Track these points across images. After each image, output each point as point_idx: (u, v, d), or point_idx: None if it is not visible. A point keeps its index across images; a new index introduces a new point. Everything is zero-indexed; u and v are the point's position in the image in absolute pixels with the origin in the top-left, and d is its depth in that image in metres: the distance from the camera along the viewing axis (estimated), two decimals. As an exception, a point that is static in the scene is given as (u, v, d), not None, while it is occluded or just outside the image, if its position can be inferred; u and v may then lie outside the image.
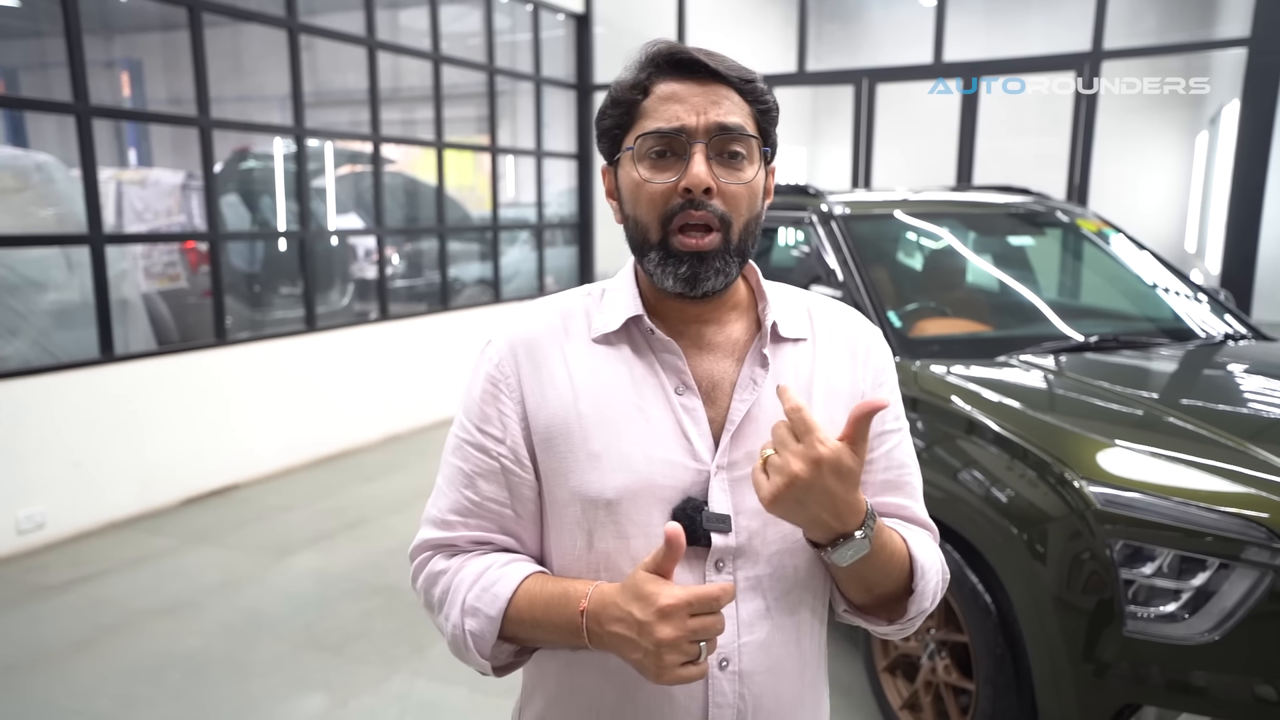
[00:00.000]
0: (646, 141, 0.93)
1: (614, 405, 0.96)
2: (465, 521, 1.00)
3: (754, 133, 0.94)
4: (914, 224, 3.58)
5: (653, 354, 0.98)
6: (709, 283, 0.93)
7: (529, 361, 0.99)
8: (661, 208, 0.92)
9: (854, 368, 1.03)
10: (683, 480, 0.94)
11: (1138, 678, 1.85)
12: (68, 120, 4.24)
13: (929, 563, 1.00)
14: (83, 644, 3.23)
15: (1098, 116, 6.26)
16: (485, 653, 0.96)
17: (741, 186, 0.93)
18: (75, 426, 4.26)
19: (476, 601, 0.95)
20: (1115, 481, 1.93)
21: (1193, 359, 2.83)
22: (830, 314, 1.06)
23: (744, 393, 0.97)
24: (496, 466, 0.98)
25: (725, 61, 0.94)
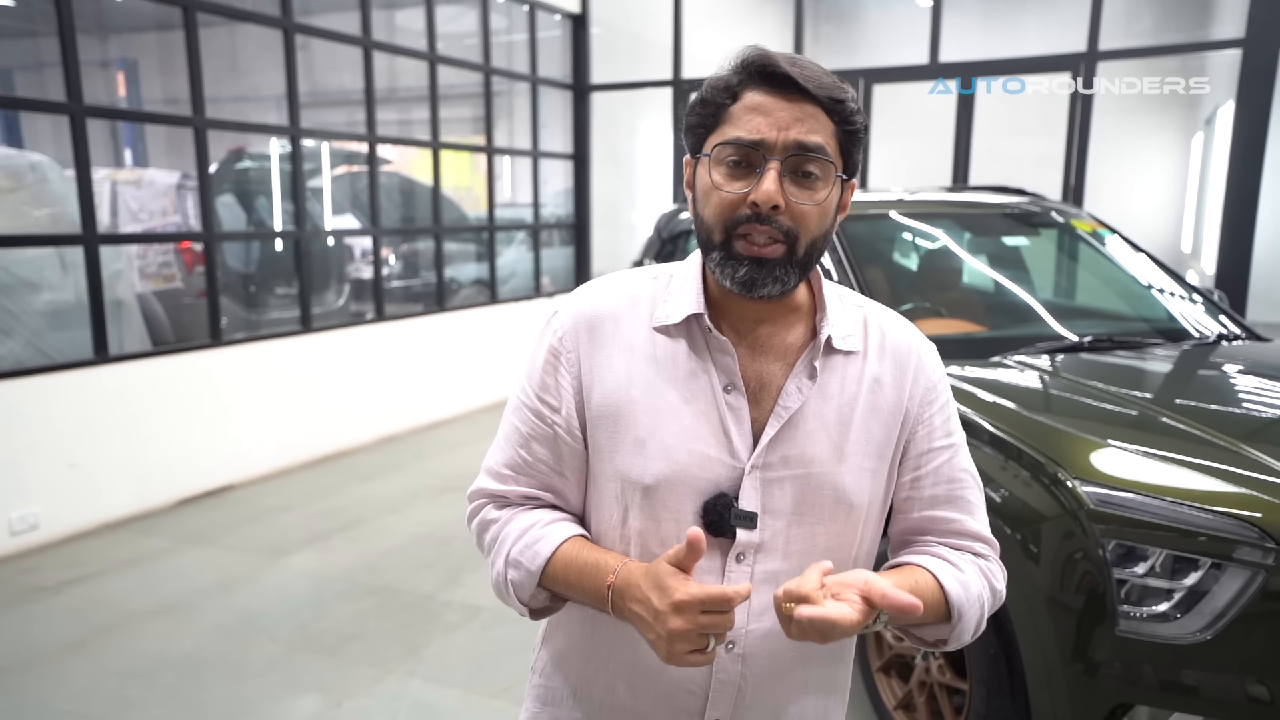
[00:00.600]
0: (725, 149, 0.95)
1: (664, 395, 1.00)
2: (517, 477, 1.07)
3: (833, 154, 0.95)
4: (909, 224, 3.59)
5: (709, 351, 1.01)
6: (765, 289, 0.96)
7: (590, 340, 1.03)
8: (728, 215, 0.95)
9: (903, 384, 1.04)
10: (718, 475, 0.99)
11: (1130, 677, 1.85)
12: (62, 120, 4.23)
13: (967, 600, 1.01)
14: (76, 645, 3.22)
15: (1094, 117, 6.27)
16: (524, 599, 1.04)
17: (811, 206, 0.95)
18: (69, 427, 4.25)
19: (520, 555, 1.02)
20: (1109, 481, 1.93)
21: (1187, 359, 2.83)
22: (886, 324, 1.08)
23: (788, 399, 1.00)
24: (550, 433, 1.04)
25: (817, 78, 0.94)
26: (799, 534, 1.01)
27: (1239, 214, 5.85)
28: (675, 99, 7.77)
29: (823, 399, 1.01)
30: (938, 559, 1.04)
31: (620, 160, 9.13)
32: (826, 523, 1.02)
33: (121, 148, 10.09)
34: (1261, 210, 5.85)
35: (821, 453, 1.00)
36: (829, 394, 1.01)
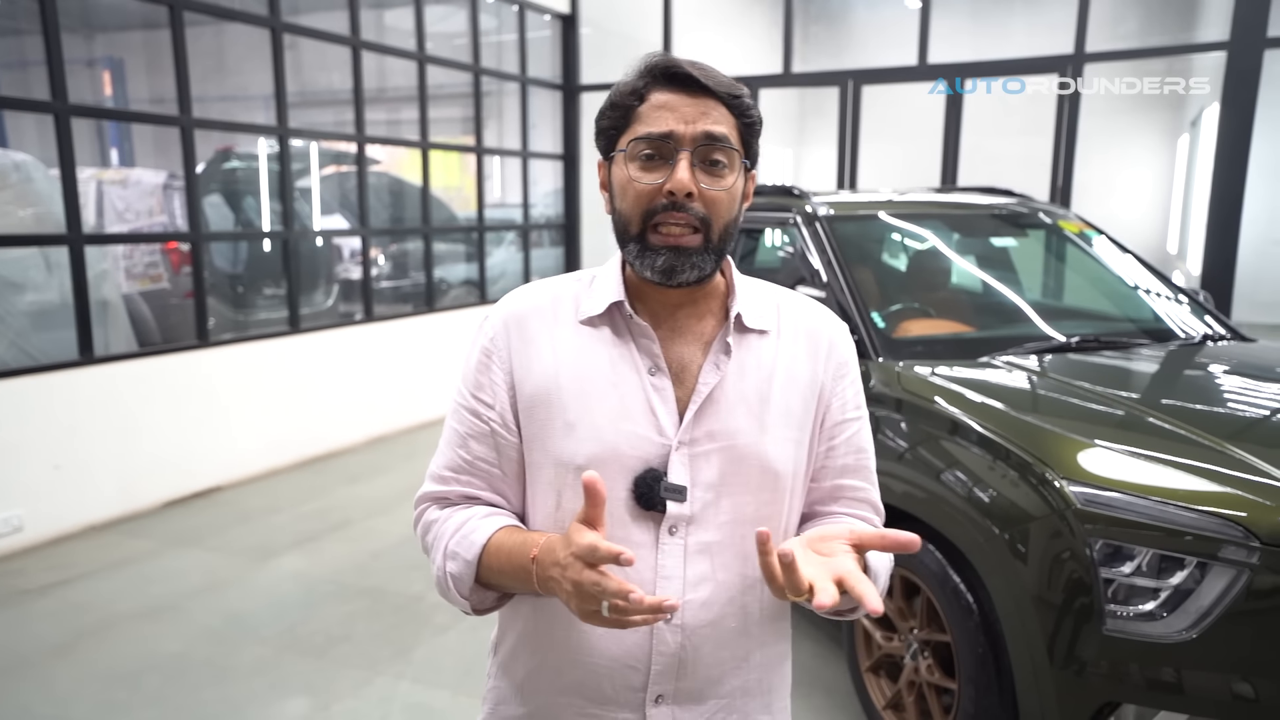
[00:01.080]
0: (638, 144, 1.01)
1: (591, 380, 1.05)
2: (458, 478, 1.11)
3: (737, 144, 1.02)
4: (898, 225, 3.60)
5: (631, 337, 1.07)
6: (684, 275, 1.01)
7: (519, 337, 1.08)
8: (645, 205, 1.01)
9: (816, 360, 1.11)
10: (647, 452, 1.03)
11: (1117, 676, 1.86)
12: (47, 119, 4.20)
13: (881, 567, 1.09)
14: (61, 649, 3.19)
15: (1081, 118, 6.30)
16: (464, 593, 1.06)
17: (721, 192, 1.01)
18: (55, 428, 4.21)
19: (456, 547, 1.05)
20: (1095, 481, 1.94)
21: (1172, 360, 2.85)
22: (798, 309, 1.14)
23: (708, 376, 1.06)
24: (487, 429, 1.09)
25: (715, 77, 1.02)
26: (728, 505, 1.05)
27: (1224, 215, 5.89)
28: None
29: (741, 376, 1.07)
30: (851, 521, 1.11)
31: (610, 161, 9.11)
32: (754, 492, 1.06)
33: (107, 147, 10.02)
34: (1246, 211, 5.90)
35: (744, 425, 1.05)
36: (746, 371, 1.07)
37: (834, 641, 3.20)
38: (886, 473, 2.53)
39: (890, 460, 2.55)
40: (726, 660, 1.08)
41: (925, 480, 2.37)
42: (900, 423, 2.56)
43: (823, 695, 2.86)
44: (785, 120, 12.25)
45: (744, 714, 1.11)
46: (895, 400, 2.62)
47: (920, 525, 2.43)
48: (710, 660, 1.07)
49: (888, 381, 2.69)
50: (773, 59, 7.70)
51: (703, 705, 1.08)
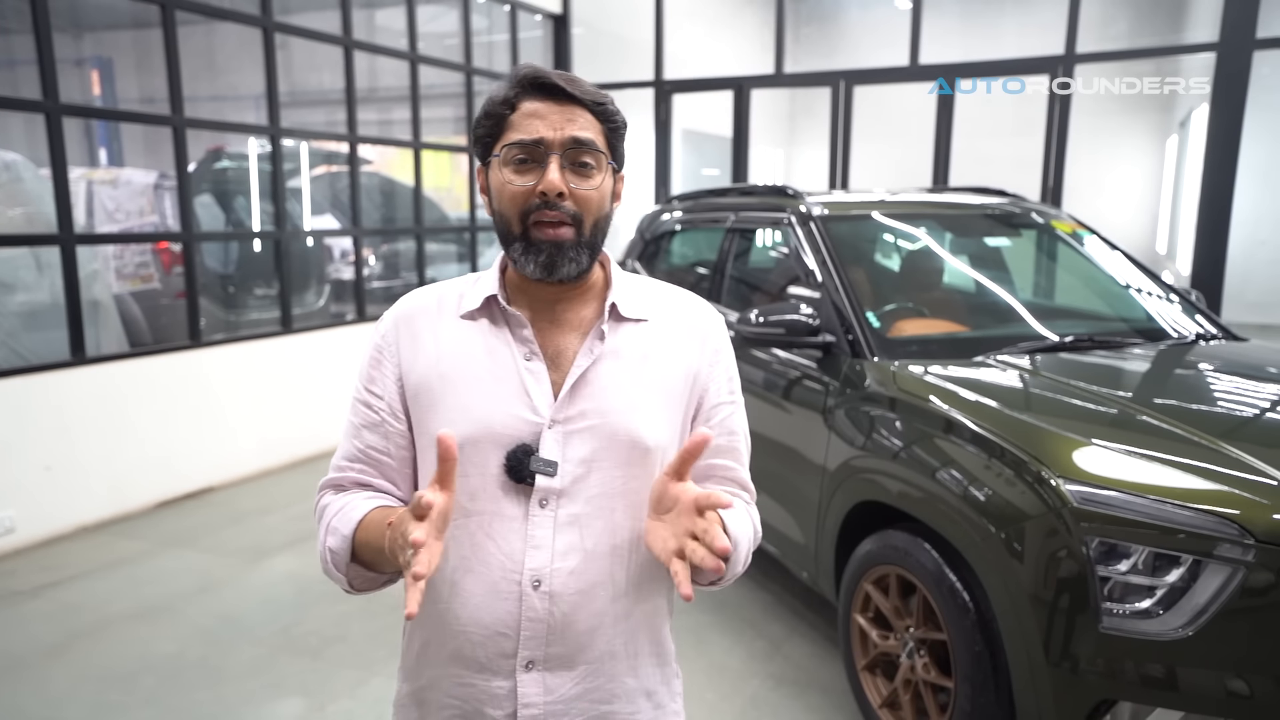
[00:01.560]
0: (511, 150, 1.09)
1: (469, 369, 1.13)
2: (352, 466, 1.19)
3: (603, 147, 1.11)
4: (892, 225, 3.61)
5: (508, 327, 1.15)
6: (564, 269, 1.09)
7: (407, 333, 1.17)
8: (522, 205, 1.09)
9: (691, 348, 1.19)
10: (521, 430, 1.10)
11: (1113, 674, 1.87)
12: (36, 119, 4.17)
13: (741, 535, 1.16)
14: (54, 650, 3.17)
15: (1071, 119, 6.33)
16: (341, 568, 1.12)
17: (590, 191, 1.09)
18: (46, 429, 4.19)
19: (336, 523, 1.13)
20: (1092, 480, 1.95)
21: (1166, 359, 2.87)
22: (675, 301, 1.23)
23: (582, 360, 1.12)
24: (377, 419, 1.17)
25: (581, 86, 1.10)
26: (598, 479, 1.11)
27: (1214, 215, 5.93)
28: (657, 100, 7.78)
29: (615, 358, 1.14)
30: None
31: (602, 161, 9.11)
32: (624, 466, 1.11)
33: (96, 147, 9.96)
34: (1235, 212, 5.94)
35: (616, 404, 1.12)
36: (621, 354, 1.14)
37: (828, 640, 3.21)
38: (882, 471, 2.56)
39: (885, 459, 2.56)
40: (595, 626, 1.13)
41: (921, 479, 2.38)
42: (895, 422, 2.57)
43: (818, 694, 2.87)
44: (775, 121, 12.27)
45: (610, 676, 1.15)
46: (890, 399, 2.63)
47: (916, 524, 2.44)
48: (580, 626, 1.12)
49: (883, 381, 2.70)
50: (764, 59, 7.72)
51: (573, 670, 1.13)
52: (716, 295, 3.84)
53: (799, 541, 3.04)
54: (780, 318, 2.96)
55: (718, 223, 4.11)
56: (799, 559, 3.08)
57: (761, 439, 3.32)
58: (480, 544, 1.10)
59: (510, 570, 1.10)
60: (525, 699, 1.11)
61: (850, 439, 2.72)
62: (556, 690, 1.12)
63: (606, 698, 1.15)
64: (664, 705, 1.22)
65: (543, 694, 1.12)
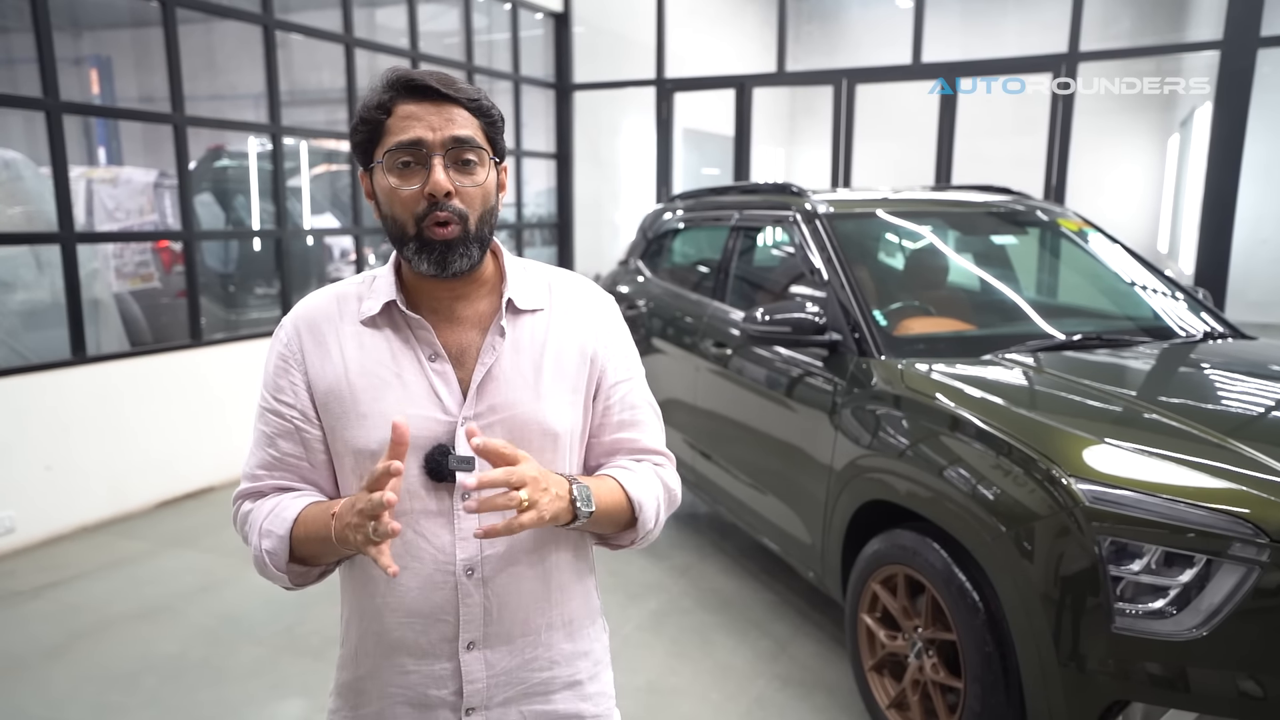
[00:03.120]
0: (394, 155, 1.10)
1: (376, 374, 1.15)
2: (270, 474, 1.20)
3: (483, 143, 1.13)
4: (897, 223, 3.59)
5: (409, 330, 1.17)
6: (456, 264, 1.12)
7: (310, 339, 1.18)
8: (413, 209, 1.10)
9: (586, 331, 1.23)
10: (435, 431, 1.14)
11: (1126, 674, 1.85)
12: (34, 116, 4.15)
13: (646, 496, 1.22)
14: (55, 651, 3.15)
15: (1074, 118, 6.31)
16: (280, 567, 1.15)
17: (475, 188, 1.12)
18: (47, 428, 4.17)
19: (270, 525, 1.15)
20: (1103, 479, 1.93)
21: (1175, 357, 2.85)
22: (568, 287, 1.27)
23: (485, 356, 1.16)
24: (290, 427, 1.18)
25: (455, 85, 1.11)
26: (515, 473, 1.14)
27: (1218, 215, 5.91)
28: (659, 98, 7.76)
29: (516, 351, 1.18)
30: (618, 468, 1.25)
31: (603, 160, 9.10)
32: (537, 454, 1.15)
33: (95, 145, 9.93)
34: (1239, 210, 5.92)
35: (523, 396, 1.16)
36: (521, 346, 1.18)
37: (834, 640, 3.19)
38: (890, 470, 2.54)
39: (892, 458, 2.54)
40: (529, 603, 1.20)
41: (929, 478, 2.36)
42: (903, 420, 2.56)
43: (824, 695, 2.85)
44: (775, 119, 12.24)
45: (548, 645, 1.22)
46: (898, 398, 2.62)
47: (924, 523, 2.43)
48: (514, 604, 1.18)
49: (890, 379, 2.68)
50: (765, 58, 7.70)
51: (511, 644, 1.19)
52: (721, 293, 3.82)
53: (804, 541, 3.02)
54: (786, 316, 2.94)
55: (722, 221, 4.09)
56: (804, 558, 3.06)
57: (765, 437, 3.31)
58: (411, 541, 1.14)
59: (443, 563, 1.15)
60: (469, 677, 1.18)
61: (857, 438, 2.71)
62: (498, 665, 1.19)
63: (546, 665, 1.23)
64: (600, 660, 1.31)
65: (484, 670, 1.18)
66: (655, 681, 2.95)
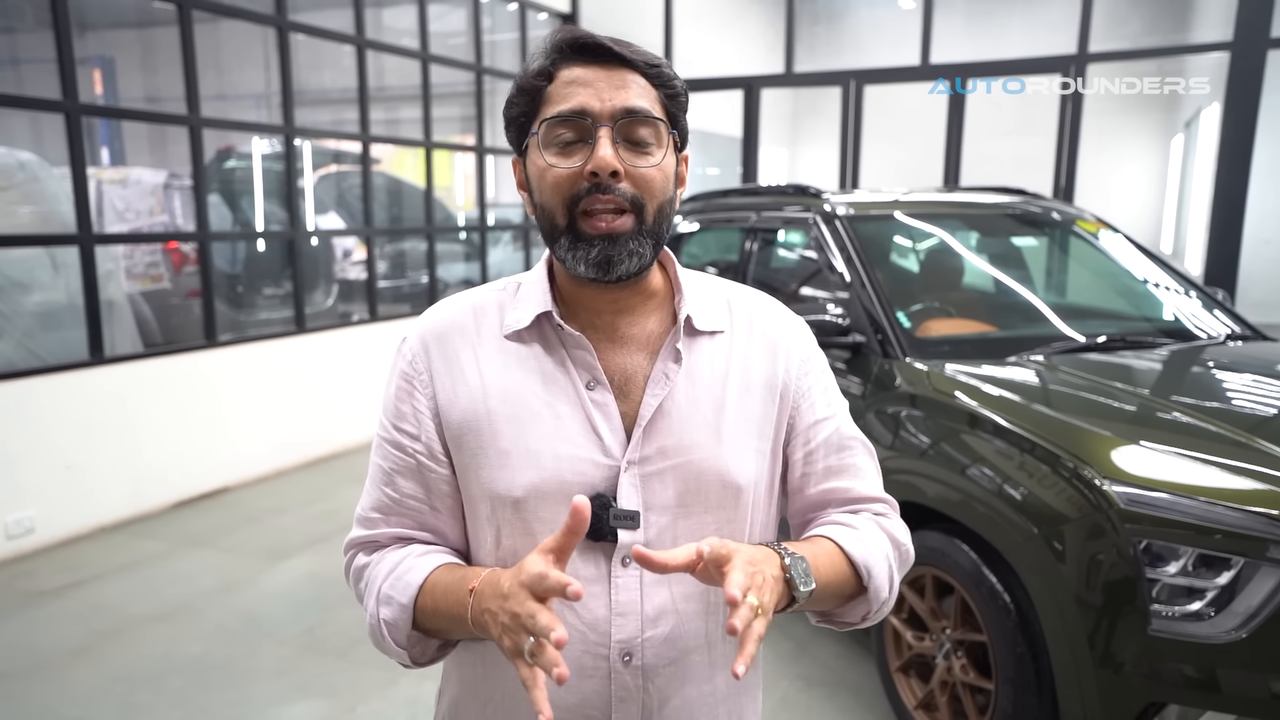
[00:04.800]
0: (552, 128, 0.91)
1: (523, 402, 0.95)
2: (386, 519, 1.00)
3: (661, 116, 0.92)
4: (917, 224, 3.60)
5: (564, 349, 0.97)
6: (623, 265, 0.91)
7: (441, 357, 0.98)
8: (568, 192, 0.90)
9: (774, 359, 1.02)
10: (592, 477, 0.93)
11: (1163, 676, 1.86)
12: (38, 116, 4.15)
13: (874, 559, 0.99)
14: (80, 650, 3.16)
15: (1083, 118, 6.33)
16: (400, 641, 0.95)
17: (652, 169, 0.91)
18: (65, 429, 4.17)
19: (390, 590, 0.95)
20: (1138, 481, 1.94)
21: (1200, 359, 2.86)
22: (751, 305, 1.05)
23: (656, 387, 0.95)
24: (413, 463, 0.98)
25: (630, 46, 0.92)
26: (687, 526, 0.95)
27: (1226, 216, 5.93)
28: (666, 99, 7.76)
29: (692, 383, 0.97)
30: (834, 525, 1.02)
31: (610, 160, 9.10)
32: (715, 510, 0.96)
33: (97, 146, 9.92)
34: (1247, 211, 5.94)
35: (700, 438, 0.95)
36: (698, 377, 0.97)
37: (854, 642, 3.20)
38: (916, 472, 2.55)
39: (919, 460, 2.55)
40: (694, 699, 0.98)
41: (958, 480, 2.37)
42: (930, 422, 2.57)
43: (849, 695, 2.86)
44: (779, 120, 12.26)
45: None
46: (923, 399, 2.63)
47: (950, 524, 2.44)
48: (677, 701, 0.97)
49: (915, 381, 2.69)
50: (773, 59, 7.71)
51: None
52: (739, 295, 3.83)
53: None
54: (810, 318, 2.95)
55: (737, 223, 4.10)
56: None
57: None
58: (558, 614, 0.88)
59: (595, 643, 0.93)
60: None
61: (883, 440, 2.72)
62: None
63: None
64: None
65: None
66: (679, 682, 2.96)
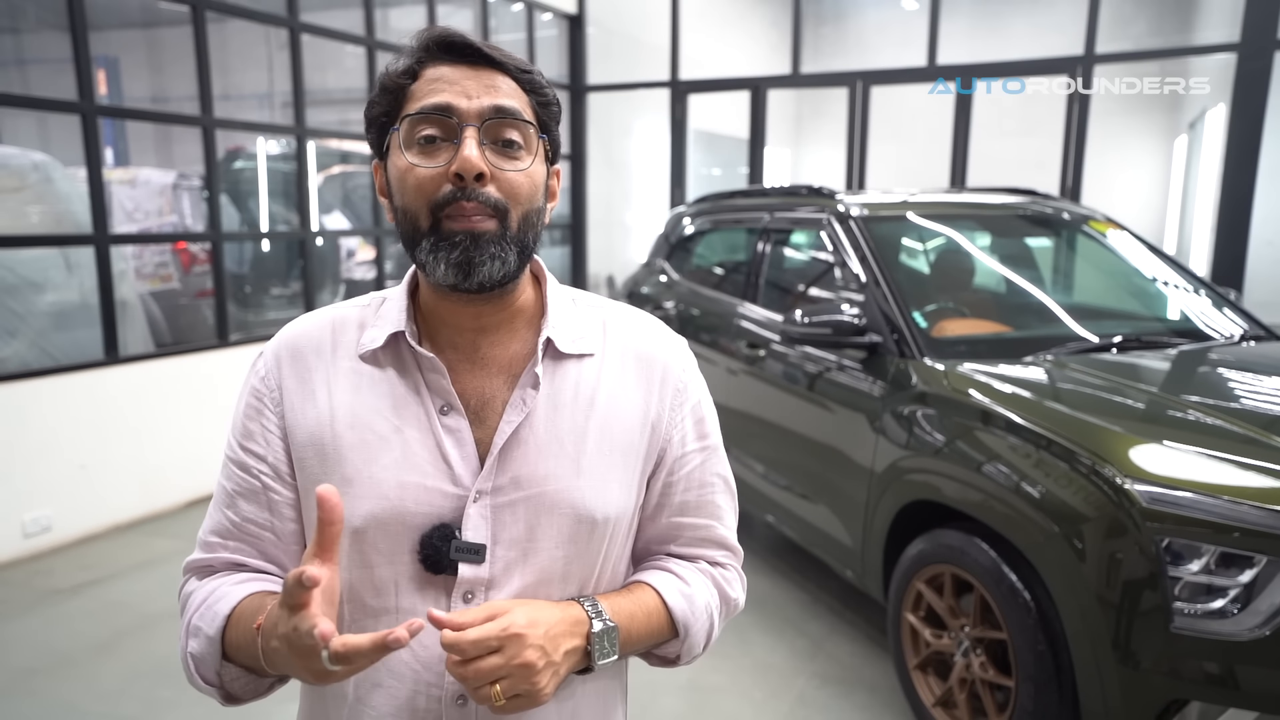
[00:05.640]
0: (414, 125, 0.85)
1: (371, 427, 0.89)
2: (224, 543, 0.94)
3: (532, 119, 0.88)
4: (930, 225, 3.62)
5: (419, 371, 0.91)
6: (484, 268, 0.85)
7: (293, 375, 0.93)
8: (431, 195, 0.84)
9: (650, 388, 0.96)
10: (439, 506, 0.88)
11: (1184, 674, 1.88)
12: (45, 117, 4.17)
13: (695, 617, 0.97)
14: (102, 647, 3.18)
15: (1090, 119, 6.36)
16: (209, 677, 0.89)
17: (518, 174, 0.86)
18: (79, 428, 4.19)
19: (199, 621, 0.89)
20: (1160, 480, 1.96)
21: (1216, 359, 2.87)
22: (628, 328, 0.99)
23: (512, 414, 0.90)
24: (258, 485, 0.93)
25: (500, 50, 0.88)
26: (536, 563, 0.90)
27: (1233, 217, 5.96)
28: (673, 100, 7.79)
29: (554, 409, 0.91)
30: (663, 572, 0.99)
31: (616, 161, 9.14)
32: (565, 545, 0.91)
33: (102, 145, 9.92)
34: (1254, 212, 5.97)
35: (556, 468, 0.90)
36: (560, 403, 0.92)
37: (869, 639, 3.22)
38: (934, 471, 2.57)
39: (937, 459, 2.57)
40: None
41: (977, 479, 2.39)
42: (946, 420, 2.59)
43: (865, 693, 2.88)
44: (782, 121, 12.29)
45: None
46: (941, 398, 2.65)
47: (969, 523, 2.46)
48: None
49: (932, 381, 2.72)
50: (774, 59, 7.74)
51: None
52: (753, 295, 3.85)
53: (843, 542, 3.05)
54: (826, 318, 2.97)
55: (750, 224, 4.12)
56: (843, 558, 3.09)
57: (801, 440, 3.34)
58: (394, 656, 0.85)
59: (428, 683, 0.88)
60: None
61: (899, 439, 2.74)
62: None
63: None
64: None
65: None
66: (696, 679, 2.98)
